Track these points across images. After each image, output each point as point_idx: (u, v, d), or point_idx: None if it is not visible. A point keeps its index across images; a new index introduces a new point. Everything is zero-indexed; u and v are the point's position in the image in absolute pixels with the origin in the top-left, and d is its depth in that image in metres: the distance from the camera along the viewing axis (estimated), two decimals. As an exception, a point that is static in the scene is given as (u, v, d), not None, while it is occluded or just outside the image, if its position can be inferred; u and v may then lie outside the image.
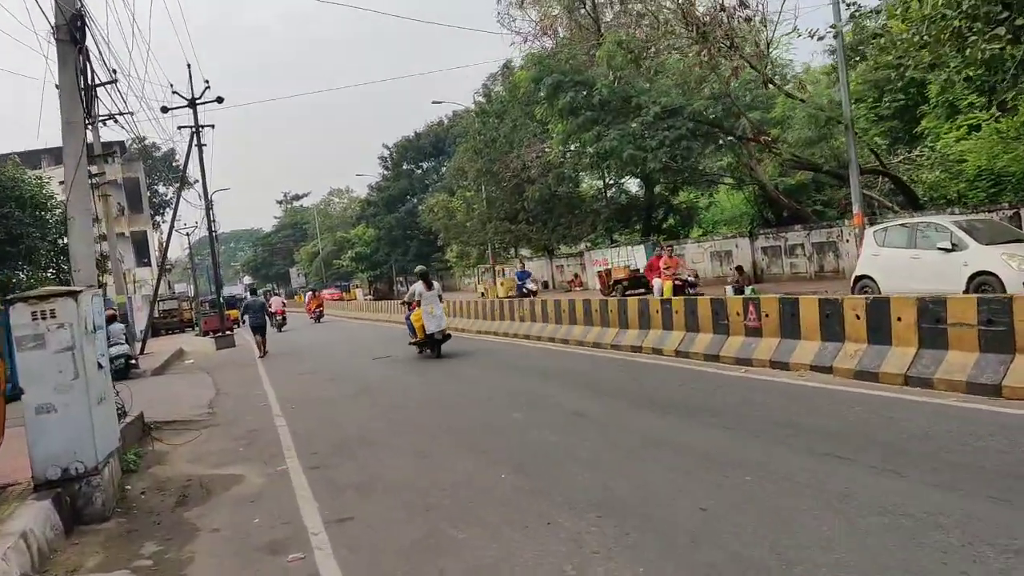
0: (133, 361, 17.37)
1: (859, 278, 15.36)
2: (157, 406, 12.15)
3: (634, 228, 39.70)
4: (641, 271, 27.99)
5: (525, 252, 46.49)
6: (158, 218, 65.12)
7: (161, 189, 62.24)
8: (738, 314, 9.88)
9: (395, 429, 8.62)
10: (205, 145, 26.80)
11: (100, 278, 22.84)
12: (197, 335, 36.21)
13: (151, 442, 9.26)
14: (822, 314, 8.61)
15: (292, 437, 8.78)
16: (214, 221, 28.25)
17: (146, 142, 57.45)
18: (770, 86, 19.47)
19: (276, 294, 63.68)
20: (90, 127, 19.40)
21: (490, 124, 38.31)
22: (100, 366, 6.77)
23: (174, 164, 60.03)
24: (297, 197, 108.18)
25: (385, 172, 67.57)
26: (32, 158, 37.74)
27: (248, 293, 28.30)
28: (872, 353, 7.99)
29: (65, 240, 22.45)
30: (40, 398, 6.15)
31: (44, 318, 6.20)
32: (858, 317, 8.19)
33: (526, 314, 17.20)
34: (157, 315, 40.28)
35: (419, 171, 66.84)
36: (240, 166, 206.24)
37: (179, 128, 28.60)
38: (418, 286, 15.02)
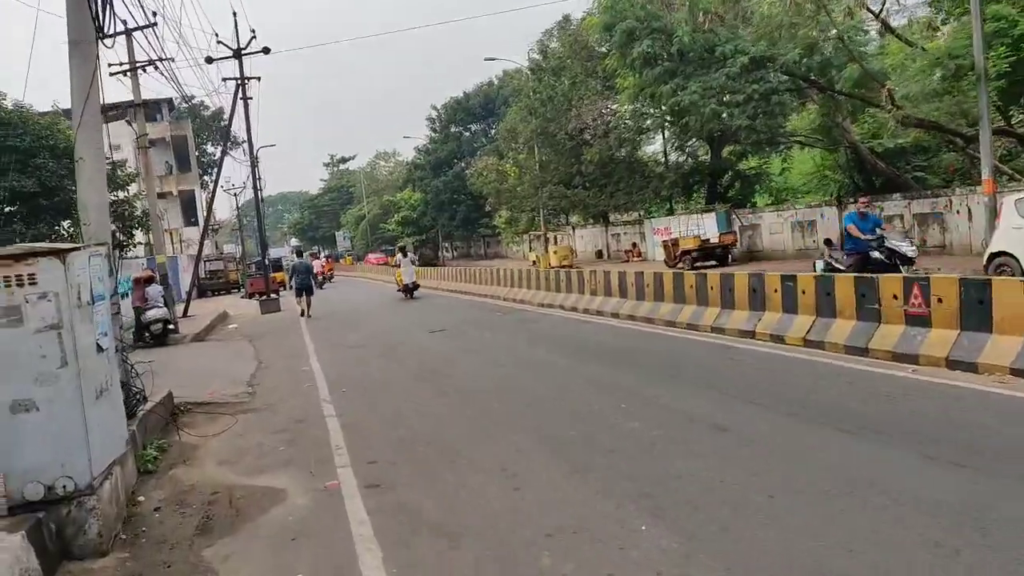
0: (171, 326, 16.11)
1: (995, 255, 13.20)
2: (191, 381, 10.76)
3: (696, 195, 37.35)
4: (712, 239, 25.89)
5: (575, 219, 44.45)
6: (207, 178, 64.58)
7: (210, 149, 61.39)
8: (895, 297, 7.90)
9: (471, 431, 6.94)
10: (251, 98, 25.32)
11: (135, 235, 21.75)
12: (243, 297, 35.34)
13: (178, 431, 7.76)
14: (1031, 301, 6.60)
15: (344, 434, 7.18)
16: (260, 179, 26.88)
17: (194, 100, 56.63)
18: (879, 33, 16.97)
19: (316, 256, 63.02)
20: (108, 59, 17.98)
21: (546, 82, 36.09)
22: (100, 348, 5.18)
23: (223, 123, 59.10)
24: (344, 160, 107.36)
25: (433, 134, 65.71)
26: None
27: (294, 255, 29.23)
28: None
29: (113, 194, 21.41)
30: (16, 392, 4.60)
31: (21, 285, 4.61)
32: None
33: (599, 287, 15.34)
34: (203, 276, 39.64)
35: (468, 133, 64.79)
36: (287, 127, 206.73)
37: (224, 80, 27.18)
38: (399, 256, 25.69)
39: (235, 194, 59.66)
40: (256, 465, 6.48)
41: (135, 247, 22.02)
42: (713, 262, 26.18)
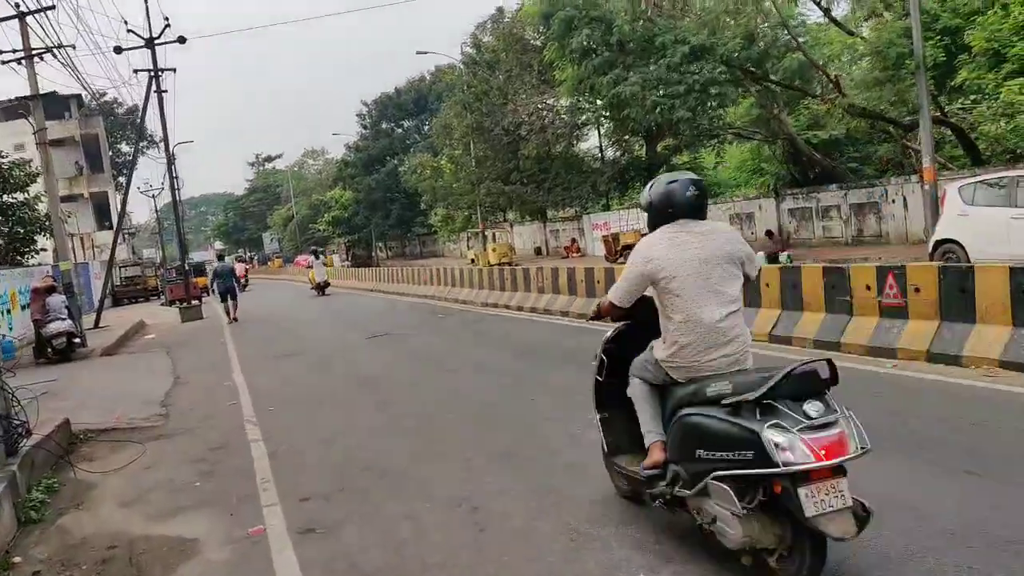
0: (77, 340, 14.59)
1: (941, 242, 13.13)
2: (97, 403, 9.55)
3: (632, 190, 37.23)
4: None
5: (513, 216, 43.81)
6: (121, 179, 61.26)
7: (125, 148, 58.12)
8: (868, 288, 7.43)
9: (419, 450, 6.10)
10: (166, 91, 23.62)
11: (37, 241, 19.92)
12: (163, 304, 33.32)
13: (73, 467, 6.64)
14: (1017, 289, 6.18)
15: (271, 463, 6.22)
16: (177, 178, 25.14)
17: (106, 97, 53.45)
18: (817, 24, 16.84)
19: (242, 260, 60.58)
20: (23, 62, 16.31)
21: (481, 76, 35.30)
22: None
23: (137, 122, 55.99)
24: (269, 159, 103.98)
25: (363, 131, 64.09)
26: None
27: (216, 259, 27.97)
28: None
29: (11, 196, 19.40)
30: None
31: None
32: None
33: (546, 284, 14.66)
34: (118, 283, 37.31)
35: (400, 130, 63.45)
36: (208, 125, 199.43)
37: (135, 72, 25.07)
38: (312, 258, 29.80)
39: (153, 196, 56.66)
40: (165, 507, 5.47)
41: (38, 253, 20.15)
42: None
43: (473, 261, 35.23)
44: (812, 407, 2.96)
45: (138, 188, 55.47)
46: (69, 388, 11.03)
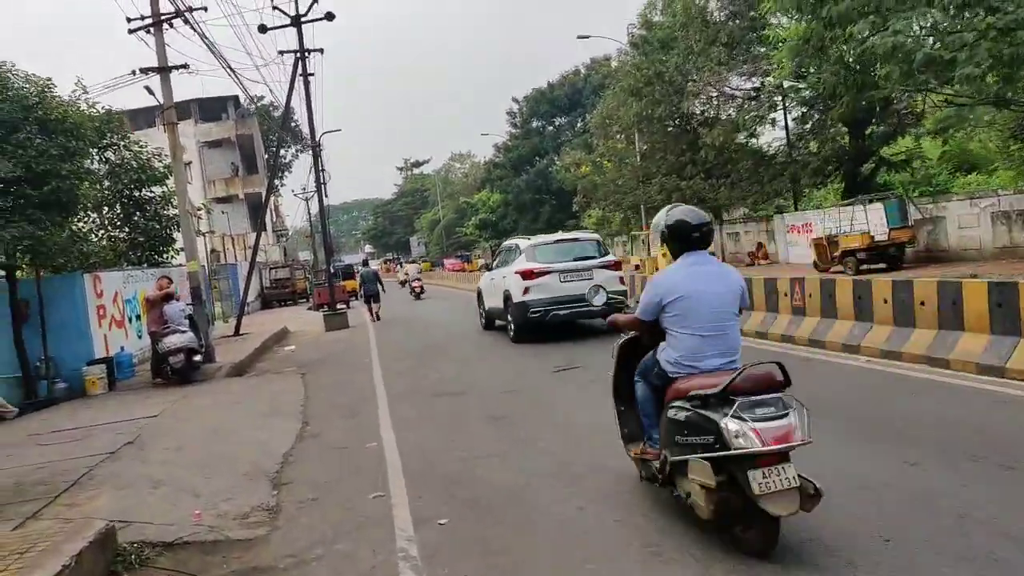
0: (198, 357, 11.92)
1: None
2: (185, 464, 6.51)
3: (829, 186, 31.60)
4: (884, 236, 20.33)
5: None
6: (277, 182, 62.20)
7: (280, 152, 58.78)
8: None
9: None
10: (312, 74, 21.32)
11: (175, 240, 17.87)
12: (309, 308, 31.70)
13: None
14: None
15: None
16: (323, 170, 22.95)
17: (263, 101, 53.97)
18: None
19: (395, 263, 59.66)
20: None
21: (653, 57, 31.05)
22: None
23: (292, 125, 56.36)
24: (418, 164, 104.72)
25: (513, 130, 61.43)
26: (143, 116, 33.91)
27: (361, 264, 29.25)
28: None
29: (147, 190, 17.61)
30: None
31: None
32: None
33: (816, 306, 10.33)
34: (267, 285, 36.34)
35: (551, 128, 60.22)
36: (359, 131, 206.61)
37: (281, 53, 23.49)
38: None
39: (306, 198, 56.67)
40: None
41: (178, 253, 18.13)
42: (884, 264, 20.65)
43: (637, 267, 31.02)
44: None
45: (292, 191, 55.69)
46: (166, 432, 8.11)
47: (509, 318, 13.25)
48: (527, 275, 12.54)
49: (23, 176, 11.18)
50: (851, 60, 15.89)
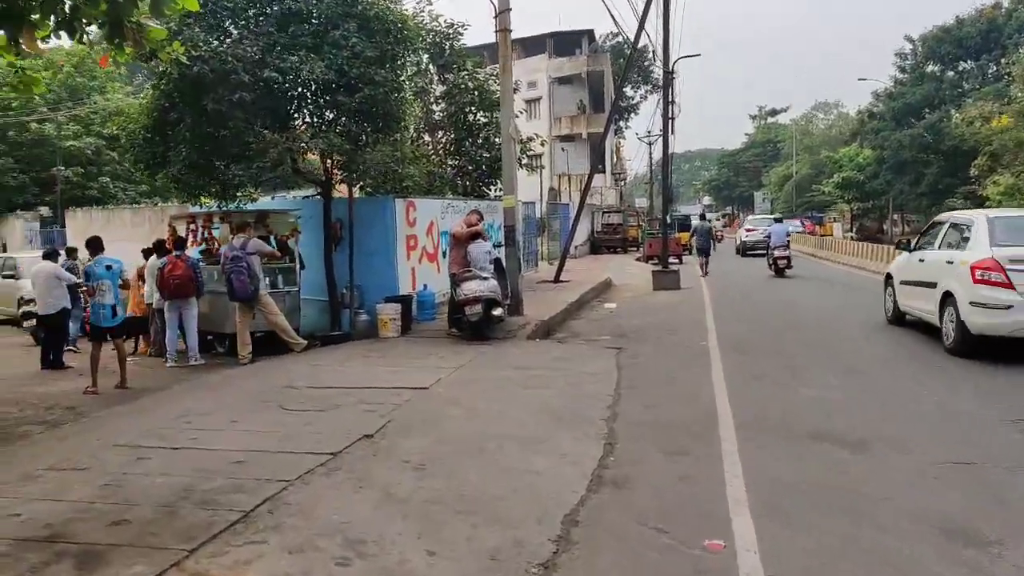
0: (498, 312, 9.91)
1: None
2: (390, 532, 4.10)
3: None
4: None
5: None
6: (622, 124, 60.64)
7: (628, 92, 56.73)
8: None
9: None
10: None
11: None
12: (638, 259, 29.39)
13: None
14: None
15: None
16: (673, 102, 19.84)
17: (618, 38, 52.02)
18: None
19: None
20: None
21: None
22: None
23: (646, 64, 53.66)
24: (774, 112, 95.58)
25: (901, 75, 51.28)
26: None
27: (698, 216, 27.12)
28: None
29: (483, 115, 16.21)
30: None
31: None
32: None
33: None
34: (598, 230, 34.83)
35: (952, 73, 49.00)
36: (710, 77, 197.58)
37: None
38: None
39: (650, 143, 53.98)
40: None
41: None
42: None
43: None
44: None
45: (636, 135, 53.48)
46: (423, 423, 6.02)
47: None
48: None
49: (336, 81, 9.98)
50: None
